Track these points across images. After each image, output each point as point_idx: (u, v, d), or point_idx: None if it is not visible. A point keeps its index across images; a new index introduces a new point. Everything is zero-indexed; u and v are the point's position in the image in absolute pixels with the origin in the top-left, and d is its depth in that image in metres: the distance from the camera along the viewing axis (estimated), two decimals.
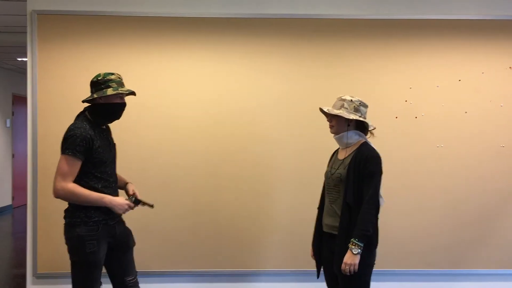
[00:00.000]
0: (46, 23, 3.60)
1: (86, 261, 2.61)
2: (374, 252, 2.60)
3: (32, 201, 3.62)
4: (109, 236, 2.69)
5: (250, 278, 3.75)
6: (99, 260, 2.65)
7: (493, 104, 3.73)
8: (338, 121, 2.67)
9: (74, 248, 2.63)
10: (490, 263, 3.75)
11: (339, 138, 2.70)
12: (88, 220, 2.61)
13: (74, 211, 2.64)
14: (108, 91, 2.64)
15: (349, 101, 2.65)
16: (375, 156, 2.60)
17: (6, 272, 4.99)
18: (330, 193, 2.72)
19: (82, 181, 2.62)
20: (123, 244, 2.79)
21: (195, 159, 3.66)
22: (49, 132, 3.60)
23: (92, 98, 2.70)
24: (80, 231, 2.60)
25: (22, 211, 8.62)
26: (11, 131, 8.88)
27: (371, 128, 2.73)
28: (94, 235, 2.61)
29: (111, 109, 2.72)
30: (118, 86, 2.69)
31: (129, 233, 2.87)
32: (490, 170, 3.73)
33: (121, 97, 2.75)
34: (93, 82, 2.72)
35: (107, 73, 2.71)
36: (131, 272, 2.82)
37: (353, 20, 3.70)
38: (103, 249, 2.66)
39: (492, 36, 3.73)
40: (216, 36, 3.67)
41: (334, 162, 2.76)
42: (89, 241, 2.60)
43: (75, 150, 2.56)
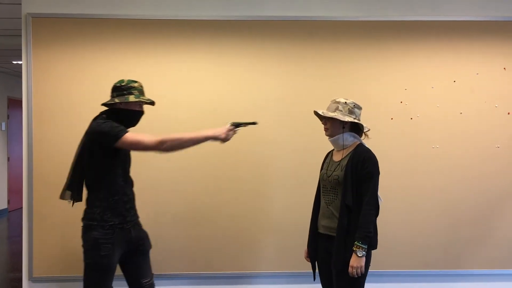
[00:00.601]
0: (41, 26, 3.59)
1: (100, 264, 2.62)
2: (370, 252, 2.62)
3: (28, 205, 3.60)
4: (125, 241, 2.70)
5: (247, 280, 3.75)
6: (112, 264, 2.65)
7: (488, 104, 3.75)
8: (333, 123, 2.69)
9: (89, 251, 2.65)
10: (486, 263, 3.76)
11: (335, 141, 2.72)
12: (105, 224, 2.63)
13: (91, 214, 2.66)
14: (130, 98, 2.68)
15: (343, 104, 2.67)
16: (372, 157, 2.63)
17: (2, 276, 4.97)
18: (326, 195, 2.72)
19: (107, 176, 2.65)
20: (140, 247, 2.81)
21: (192, 161, 3.66)
22: (45, 135, 3.59)
23: (113, 103, 2.72)
24: (97, 234, 2.62)
25: (17, 214, 8.59)
26: (6, 134, 8.85)
27: (365, 130, 2.75)
28: (110, 238, 2.63)
29: (130, 115, 2.74)
30: (139, 94, 2.74)
31: (146, 236, 2.88)
32: (485, 170, 3.74)
33: (141, 105, 2.78)
34: (116, 87, 2.75)
35: (130, 80, 2.75)
36: (147, 274, 2.84)
37: (348, 22, 3.71)
38: (117, 254, 2.67)
39: (486, 37, 3.75)
40: (212, 38, 3.67)
41: (329, 164, 2.77)
42: (104, 244, 2.61)
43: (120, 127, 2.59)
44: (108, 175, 2.66)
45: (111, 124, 2.61)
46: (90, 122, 2.74)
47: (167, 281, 3.69)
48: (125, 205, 2.73)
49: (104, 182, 2.66)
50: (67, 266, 3.61)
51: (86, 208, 2.71)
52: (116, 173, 2.69)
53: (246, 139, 3.63)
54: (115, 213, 2.66)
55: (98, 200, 2.66)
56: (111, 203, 2.66)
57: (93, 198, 2.68)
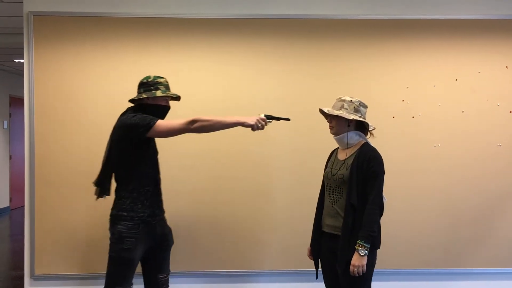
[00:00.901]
0: (42, 25, 3.59)
1: (122, 258, 2.65)
2: (375, 252, 2.62)
3: (30, 203, 3.61)
4: (149, 237, 2.74)
5: (250, 278, 3.75)
6: (134, 259, 2.68)
7: (489, 103, 3.74)
8: (338, 121, 2.68)
9: (113, 244, 2.69)
10: (486, 262, 3.76)
11: (340, 139, 2.71)
12: (134, 215, 2.66)
13: (121, 205, 2.69)
14: (157, 93, 2.73)
15: (349, 102, 2.66)
16: (378, 156, 2.62)
17: (4, 274, 4.98)
18: (331, 193, 2.71)
19: (139, 168, 2.70)
20: (163, 243, 2.86)
21: (193, 160, 3.66)
22: (46, 133, 3.60)
23: (140, 98, 2.76)
24: (121, 227, 2.66)
25: (19, 212, 8.61)
26: (8, 132, 8.87)
27: (371, 129, 2.74)
28: (134, 233, 2.66)
29: (157, 110, 2.78)
30: (165, 89, 2.79)
31: (169, 232, 2.93)
32: (487, 169, 3.73)
33: (167, 100, 2.83)
34: (143, 83, 2.79)
35: (156, 76, 2.81)
36: (165, 269, 2.89)
37: (349, 20, 3.70)
38: (140, 249, 2.71)
39: (488, 35, 3.74)
40: (212, 36, 3.66)
41: (334, 163, 2.76)
42: (128, 238, 2.65)
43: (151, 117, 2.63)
44: (140, 167, 2.71)
45: (141, 115, 2.65)
46: (118, 118, 2.79)
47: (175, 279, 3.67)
48: (156, 197, 2.80)
49: (136, 173, 2.70)
50: (68, 264, 3.62)
51: (116, 199, 2.75)
52: (147, 164, 2.74)
53: (248, 138, 3.63)
54: (145, 205, 2.71)
55: (128, 191, 2.70)
56: (141, 193, 2.71)
57: (124, 189, 2.71)
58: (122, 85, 3.60)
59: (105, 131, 3.55)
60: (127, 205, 2.68)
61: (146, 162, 2.74)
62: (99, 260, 3.59)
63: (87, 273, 3.63)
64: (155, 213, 2.77)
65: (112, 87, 3.62)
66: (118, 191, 2.75)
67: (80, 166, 3.60)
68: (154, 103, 2.77)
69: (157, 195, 2.83)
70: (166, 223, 2.92)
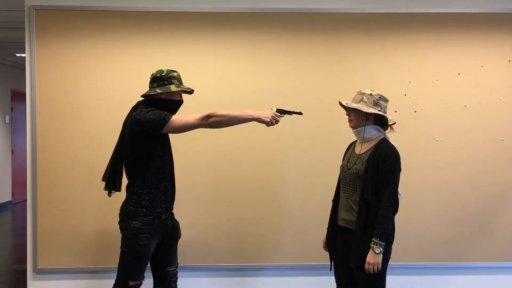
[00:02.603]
0: (44, 19, 3.58)
1: (137, 253, 2.66)
2: (390, 248, 2.61)
3: (32, 197, 3.62)
4: (161, 231, 2.75)
5: (258, 272, 3.76)
6: (149, 254, 2.70)
7: (492, 97, 3.73)
8: (356, 115, 2.64)
9: (127, 239, 2.68)
10: (489, 256, 3.76)
11: (357, 132, 2.67)
12: (154, 211, 2.67)
13: (140, 201, 2.67)
14: (172, 87, 2.70)
15: (368, 95, 2.62)
16: (395, 153, 2.58)
17: (7, 268, 5.00)
18: (346, 187, 2.69)
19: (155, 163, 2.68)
20: (172, 236, 2.87)
21: (199, 155, 3.66)
22: (49, 128, 3.60)
23: (154, 93, 2.72)
24: (136, 223, 2.65)
25: (22, 207, 8.64)
26: (10, 127, 8.87)
27: (391, 123, 2.69)
28: (150, 228, 2.66)
29: (171, 105, 2.75)
30: (179, 83, 2.76)
31: (177, 225, 2.94)
32: (489, 164, 3.73)
33: (180, 94, 2.81)
34: (156, 77, 2.75)
35: (169, 70, 2.77)
36: (173, 262, 2.90)
37: (352, 14, 3.69)
38: (154, 243, 2.72)
39: (491, 29, 3.72)
40: (216, 30, 3.66)
41: (351, 156, 2.73)
42: (144, 234, 2.65)
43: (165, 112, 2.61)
44: (156, 162, 2.69)
45: (155, 111, 2.62)
46: (129, 112, 2.75)
47: (185, 273, 3.69)
48: (172, 191, 2.81)
49: (153, 169, 2.68)
50: (71, 258, 3.63)
51: (131, 195, 2.71)
52: (164, 160, 2.73)
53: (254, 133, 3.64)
54: (163, 200, 2.71)
55: (146, 187, 2.68)
56: (159, 189, 2.70)
57: (140, 185, 2.68)
58: (124, 79, 3.60)
59: (107, 125, 3.58)
60: (146, 201, 2.67)
61: (163, 157, 2.71)
62: (102, 253, 3.62)
63: (90, 266, 3.65)
64: (169, 208, 2.80)
65: (114, 81, 3.61)
66: (133, 187, 2.71)
67: (82, 160, 3.61)
68: (168, 98, 2.73)
69: (172, 190, 2.84)
70: (174, 216, 2.93)
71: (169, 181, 2.78)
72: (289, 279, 3.77)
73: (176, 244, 2.93)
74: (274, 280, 3.76)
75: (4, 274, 4.76)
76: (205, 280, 3.74)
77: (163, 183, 2.72)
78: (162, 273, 2.86)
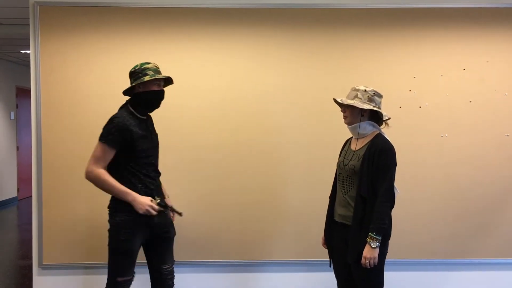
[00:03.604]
0: (48, 15, 3.59)
1: (119, 249, 2.69)
2: (387, 243, 2.62)
3: (37, 193, 3.63)
4: (146, 226, 2.75)
5: (259, 268, 3.77)
6: (132, 249, 2.71)
7: (497, 93, 3.71)
8: (351, 111, 2.65)
9: (111, 235, 2.73)
10: (493, 252, 3.75)
11: (353, 129, 2.68)
12: (132, 208, 2.67)
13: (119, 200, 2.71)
14: (145, 78, 2.71)
15: (363, 91, 2.63)
16: (390, 148, 2.59)
17: (13, 263, 5.03)
18: (342, 183, 2.71)
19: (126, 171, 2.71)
20: (164, 234, 2.86)
21: (201, 151, 3.67)
22: (53, 124, 3.61)
23: (132, 89, 2.77)
24: (118, 219, 2.69)
25: (27, 203, 8.68)
26: (15, 123, 8.91)
27: (385, 118, 2.70)
28: (130, 224, 2.69)
29: (150, 96, 2.77)
30: (155, 73, 2.76)
31: (170, 223, 2.93)
32: (494, 160, 3.72)
33: (159, 84, 2.80)
34: (131, 72, 2.78)
35: (143, 63, 2.79)
36: (168, 261, 2.90)
37: (356, 10, 3.67)
38: (138, 239, 2.73)
39: (497, 24, 3.70)
40: (218, 26, 3.65)
41: (347, 153, 2.74)
42: (125, 229, 2.68)
43: (107, 138, 2.66)
44: (127, 166, 2.72)
45: (110, 127, 2.68)
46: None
47: (185, 269, 3.71)
48: (155, 189, 2.81)
49: (125, 172, 2.72)
50: (76, 254, 3.65)
51: None
52: (138, 163, 2.74)
53: (256, 129, 3.64)
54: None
55: (125, 185, 2.71)
56: (138, 188, 2.72)
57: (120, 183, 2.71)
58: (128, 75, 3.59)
59: None
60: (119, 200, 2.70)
61: (136, 161, 2.73)
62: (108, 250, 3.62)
63: (95, 262, 3.66)
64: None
65: (118, 77, 3.61)
66: None
67: (87, 156, 3.56)
68: (145, 90, 2.76)
69: (156, 187, 2.85)
70: (167, 215, 2.92)
71: (149, 180, 2.77)
72: (288, 274, 3.77)
73: (169, 242, 2.91)
74: (273, 276, 3.77)
75: (9, 270, 4.79)
76: (205, 276, 3.75)
77: (138, 185, 2.74)
78: (157, 272, 2.87)
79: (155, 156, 2.88)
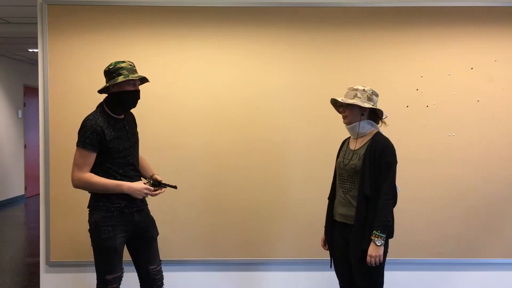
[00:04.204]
0: (56, 14, 3.60)
1: (102, 247, 2.68)
2: (388, 241, 2.62)
3: (45, 191, 3.65)
4: (127, 224, 2.73)
5: (264, 267, 3.78)
6: (114, 247, 2.69)
7: (506, 92, 3.69)
8: (352, 111, 2.65)
9: (92, 234, 2.72)
10: (500, 252, 3.73)
11: (352, 128, 2.69)
12: (110, 206, 2.68)
13: (97, 197, 2.71)
14: (119, 79, 2.66)
15: (362, 91, 2.64)
16: (390, 146, 2.60)
17: (20, 260, 5.06)
18: (343, 183, 2.71)
19: (102, 171, 2.70)
20: (146, 233, 2.85)
21: (201, 150, 3.67)
22: (61, 122, 3.62)
23: (107, 88, 2.73)
24: (97, 217, 2.68)
25: (34, 201, 8.73)
26: (22, 122, 8.96)
27: (383, 117, 2.71)
28: (109, 221, 2.68)
29: (124, 96, 2.72)
30: (129, 73, 2.70)
31: (152, 223, 2.91)
32: (501, 159, 3.69)
33: (134, 84, 2.74)
34: (105, 71, 2.74)
35: (118, 62, 2.72)
36: (154, 260, 2.88)
37: (363, 8, 3.66)
38: (120, 236, 2.71)
39: (505, 23, 3.67)
40: (225, 25, 3.65)
41: (346, 153, 2.74)
42: (104, 227, 2.67)
43: (85, 142, 2.64)
44: (108, 163, 2.71)
45: (84, 130, 2.66)
46: None
47: (185, 267, 3.72)
48: None
49: (101, 173, 2.70)
50: (84, 251, 3.65)
51: (92, 193, 2.76)
52: (114, 163, 2.72)
53: (257, 128, 3.64)
54: (118, 196, 2.69)
55: None
56: None
57: None
58: None
59: None
60: (102, 196, 2.69)
61: (113, 161, 2.71)
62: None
63: None
64: (134, 203, 2.75)
65: None
66: None
67: None
68: (119, 90, 2.70)
69: None
70: (149, 214, 2.88)
71: (127, 180, 2.73)
72: (290, 273, 3.77)
73: (152, 242, 2.88)
74: (275, 275, 3.78)
75: (17, 267, 4.82)
76: (211, 274, 3.76)
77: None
78: (144, 272, 2.86)
79: (133, 156, 2.82)
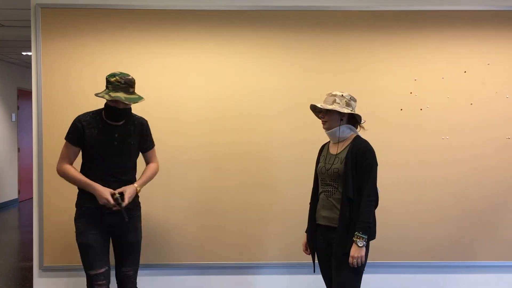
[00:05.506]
0: (50, 17, 3.59)
1: (78, 243, 2.82)
2: (369, 243, 2.65)
3: (38, 195, 3.63)
4: (96, 222, 2.81)
5: (251, 270, 3.77)
6: (87, 242, 2.78)
7: (498, 95, 3.71)
8: (331, 116, 2.72)
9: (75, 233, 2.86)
10: (494, 255, 3.74)
11: (332, 133, 2.75)
12: (82, 206, 2.83)
13: (77, 196, 2.89)
14: (105, 96, 2.71)
15: (340, 96, 2.70)
16: (371, 148, 2.68)
17: (13, 265, 5.03)
18: (326, 187, 2.75)
19: (84, 167, 2.85)
20: (121, 237, 2.91)
21: (197, 153, 3.66)
22: (54, 126, 3.61)
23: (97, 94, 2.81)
24: (75, 214, 2.86)
25: (28, 204, 8.69)
26: (16, 125, 8.92)
27: (362, 122, 2.78)
28: (81, 218, 2.83)
29: (108, 110, 2.79)
30: (112, 90, 2.70)
31: (129, 229, 2.90)
32: (495, 162, 3.71)
33: (117, 101, 2.72)
34: (106, 78, 2.78)
35: (111, 74, 2.75)
36: (127, 264, 2.93)
37: (357, 12, 3.67)
38: (91, 233, 2.79)
39: (498, 27, 3.70)
40: (219, 29, 3.65)
41: (327, 157, 2.79)
42: (78, 223, 2.83)
43: (69, 136, 2.83)
44: (87, 162, 2.84)
45: (71, 125, 2.84)
46: None
47: (175, 271, 3.71)
48: None
49: (87, 166, 2.84)
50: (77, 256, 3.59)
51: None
52: (94, 162, 2.81)
53: (252, 131, 3.64)
54: (88, 199, 2.79)
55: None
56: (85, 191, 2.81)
57: None
58: None
59: None
60: (77, 198, 2.88)
61: (91, 160, 2.82)
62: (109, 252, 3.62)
63: None
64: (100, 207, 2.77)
65: None
66: None
67: None
68: (109, 102, 2.77)
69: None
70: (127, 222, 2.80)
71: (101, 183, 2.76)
72: (280, 277, 3.77)
73: (129, 247, 2.90)
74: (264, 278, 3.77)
75: (10, 272, 4.79)
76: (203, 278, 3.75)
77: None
78: (117, 272, 2.94)
79: (117, 163, 2.82)
